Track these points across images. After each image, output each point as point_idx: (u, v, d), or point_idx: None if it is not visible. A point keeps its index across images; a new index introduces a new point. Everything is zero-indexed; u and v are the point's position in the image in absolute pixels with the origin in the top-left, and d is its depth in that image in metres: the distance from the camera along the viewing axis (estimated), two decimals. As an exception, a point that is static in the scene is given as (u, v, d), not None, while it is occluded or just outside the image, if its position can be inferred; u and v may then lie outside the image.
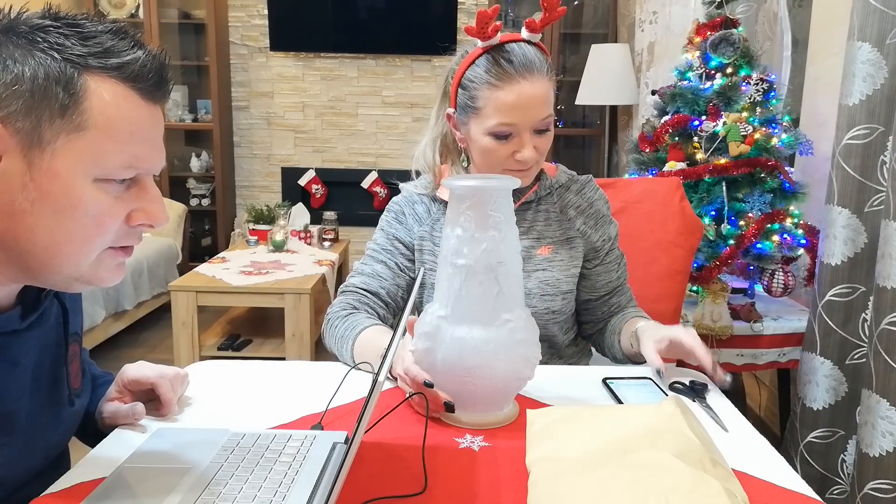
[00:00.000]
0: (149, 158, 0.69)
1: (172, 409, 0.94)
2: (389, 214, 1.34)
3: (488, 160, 1.18)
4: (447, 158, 1.29)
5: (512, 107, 1.11)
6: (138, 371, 0.95)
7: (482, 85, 1.13)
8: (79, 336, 0.91)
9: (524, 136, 1.14)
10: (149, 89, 0.67)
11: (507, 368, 0.92)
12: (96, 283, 0.72)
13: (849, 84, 1.73)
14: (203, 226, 4.89)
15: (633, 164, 2.41)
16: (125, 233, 0.71)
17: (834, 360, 1.85)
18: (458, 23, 4.57)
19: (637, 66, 3.72)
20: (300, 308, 3.02)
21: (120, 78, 0.65)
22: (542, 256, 1.25)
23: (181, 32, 4.64)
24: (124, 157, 0.66)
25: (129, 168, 0.67)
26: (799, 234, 2.13)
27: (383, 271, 1.27)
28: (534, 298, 1.23)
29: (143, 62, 0.66)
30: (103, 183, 0.66)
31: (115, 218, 0.68)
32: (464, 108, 1.18)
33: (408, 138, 4.82)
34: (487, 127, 1.14)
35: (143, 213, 0.70)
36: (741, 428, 0.96)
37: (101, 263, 0.71)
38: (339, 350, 1.18)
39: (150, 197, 0.71)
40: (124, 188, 0.69)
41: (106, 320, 3.32)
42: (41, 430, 0.81)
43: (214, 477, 0.76)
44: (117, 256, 0.72)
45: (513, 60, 1.11)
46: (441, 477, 0.80)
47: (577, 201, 1.28)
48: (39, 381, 0.80)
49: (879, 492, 1.58)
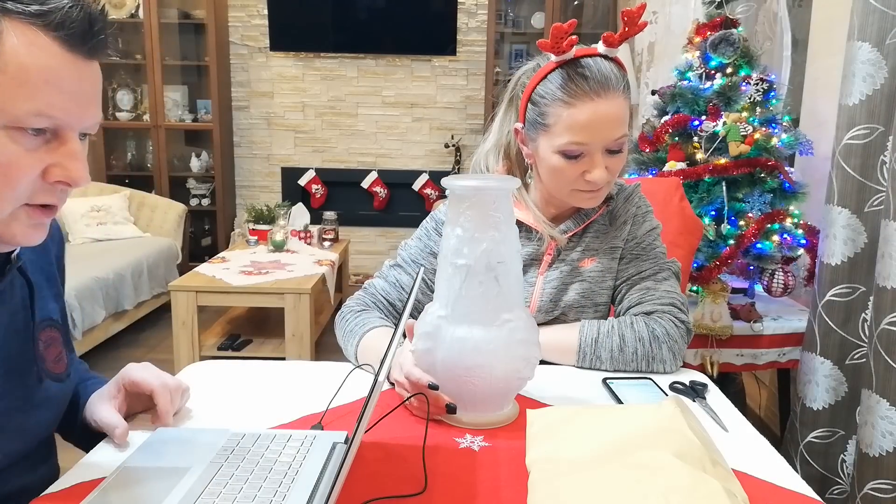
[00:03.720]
0: (67, 110, 0.66)
1: (168, 422, 0.91)
2: (431, 223, 1.27)
3: (556, 179, 1.13)
4: (509, 169, 1.24)
5: (584, 126, 1.06)
6: (141, 375, 0.92)
7: (554, 102, 1.07)
8: (57, 322, 0.89)
9: (596, 156, 1.08)
10: (72, 40, 0.65)
11: (507, 368, 0.92)
12: (9, 240, 0.70)
13: (849, 84, 1.74)
14: (203, 226, 4.89)
15: (633, 164, 2.41)
16: (42, 189, 0.68)
17: (834, 360, 1.85)
18: (458, 23, 4.58)
19: (637, 66, 3.72)
20: (300, 308, 3.02)
21: (39, 25, 0.63)
22: (583, 268, 1.21)
23: (181, 32, 4.64)
24: (34, 105, 0.63)
25: (39, 116, 0.64)
26: (799, 234, 2.13)
27: (407, 283, 1.24)
28: (570, 311, 1.20)
29: (66, 11, 0.64)
30: (14, 132, 0.64)
31: (26, 171, 0.65)
32: (533, 124, 1.12)
33: (408, 138, 4.83)
34: (557, 145, 1.08)
35: (61, 168, 0.67)
36: (741, 428, 0.96)
37: (15, 220, 0.68)
38: (345, 345, 1.18)
39: (69, 153, 0.67)
40: (42, 142, 0.66)
41: (106, 320, 3.32)
42: (15, 413, 0.80)
43: (214, 477, 0.75)
44: (35, 215, 0.69)
45: (587, 77, 1.05)
46: (441, 477, 0.80)
47: (627, 208, 1.23)
48: (8, 362, 0.79)
49: (879, 492, 1.58)
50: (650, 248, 1.22)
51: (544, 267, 1.22)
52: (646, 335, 1.12)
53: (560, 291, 1.21)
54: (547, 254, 1.22)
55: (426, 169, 4.81)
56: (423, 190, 4.80)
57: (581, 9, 4.54)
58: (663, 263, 1.21)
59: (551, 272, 1.21)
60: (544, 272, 1.22)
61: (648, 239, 1.23)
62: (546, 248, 1.21)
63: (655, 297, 1.17)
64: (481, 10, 4.62)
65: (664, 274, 1.20)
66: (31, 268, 0.85)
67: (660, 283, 1.19)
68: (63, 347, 0.90)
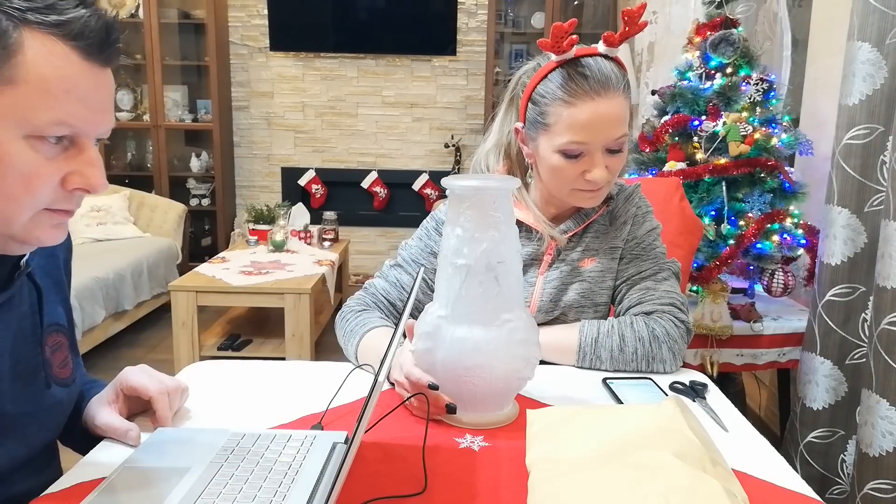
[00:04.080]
0: (85, 119, 0.67)
1: (167, 425, 0.91)
2: (431, 223, 1.27)
3: (556, 179, 1.13)
4: (509, 169, 1.24)
5: (584, 125, 1.06)
6: (139, 381, 0.91)
7: (554, 101, 1.08)
8: (64, 327, 0.90)
9: (596, 155, 1.08)
10: (90, 49, 0.65)
11: (507, 368, 0.92)
12: (33, 242, 0.71)
13: (849, 84, 1.74)
14: (203, 226, 4.89)
15: (633, 164, 2.41)
16: (62, 197, 0.69)
17: (834, 360, 1.85)
18: (458, 23, 4.58)
19: (637, 66, 3.72)
20: (300, 308, 3.02)
21: (59, 35, 0.64)
22: (583, 268, 1.21)
23: (181, 32, 4.64)
24: (56, 115, 0.64)
25: (60, 125, 0.65)
26: (799, 234, 2.13)
27: (408, 283, 1.24)
28: (570, 311, 1.20)
29: (85, 21, 0.65)
30: (35, 141, 0.65)
31: (47, 180, 0.66)
32: (533, 124, 1.12)
33: (408, 138, 4.83)
34: (557, 145, 1.09)
35: (80, 176, 0.68)
36: (741, 428, 0.96)
37: (38, 224, 0.69)
38: (345, 345, 1.19)
39: (87, 160, 0.68)
40: (60, 150, 0.67)
41: (106, 320, 3.32)
42: (22, 418, 0.81)
43: (214, 477, 0.75)
44: (55, 217, 0.70)
45: (587, 76, 1.05)
46: (441, 477, 0.80)
47: (627, 208, 1.23)
48: (17, 367, 0.80)
49: (879, 492, 1.58)
50: (650, 249, 1.22)
51: (544, 267, 1.22)
52: (646, 335, 1.12)
53: (560, 291, 1.21)
54: (547, 254, 1.22)
55: (426, 169, 4.82)
56: (423, 190, 4.80)
57: (581, 9, 4.54)
58: (663, 263, 1.22)
59: (551, 272, 1.22)
60: (544, 272, 1.22)
61: (648, 239, 1.23)
62: (546, 248, 1.22)
63: (655, 297, 1.17)
64: (481, 10, 4.62)
65: (664, 274, 1.20)
66: (39, 272, 0.85)
67: (659, 284, 1.19)
68: (69, 352, 0.90)
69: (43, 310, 0.84)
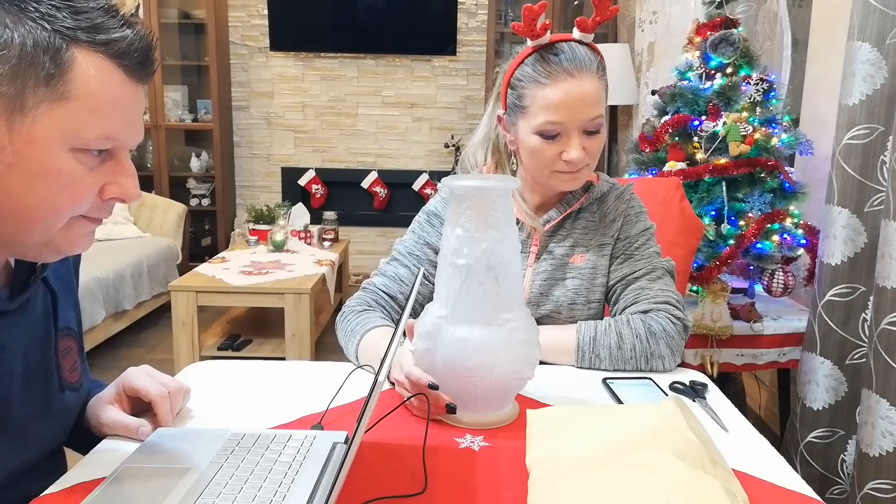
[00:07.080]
0: (126, 133, 0.70)
1: (168, 426, 0.91)
2: (423, 216, 1.30)
3: (536, 161, 1.15)
4: (497, 163, 1.26)
5: (559, 105, 1.09)
6: (141, 383, 0.92)
7: (530, 83, 1.11)
8: (74, 331, 0.90)
9: (572, 135, 1.11)
10: (133, 67, 0.69)
11: (507, 368, 0.92)
12: (66, 249, 0.73)
13: (849, 84, 1.74)
14: (203, 226, 4.89)
15: (633, 164, 2.41)
16: (97, 206, 0.72)
17: (834, 360, 1.85)
18: (458, 23, 4.58)
19: (637, 66, 3.72)
20: (300, 308, 3.02)
21: (106, 54, 0.66)
22: (573, 265, 1.23)
23: (181, 32, 4.64)
24: (102, 130, 0.67)
25: (106, 139, 0.68)
26: (799, 234, 2.13)
27: (406, 276, 1.25)
28: (563, 308, 1.21)
29: (130, 41, 0.68)
30: (79, 153, 0.67)
31: (89, 189, 0.69)
32: (512, 108, 1.15)
33: (408, 138, 4.83)
34: (534, 126, 1.12)
35: (117, 186, 0.71)
36: (741, 428, 0.96)
37: (72, 230, 0.72)
38: (346, 345, 1.19)
39: (124, 171, 0.72)
40: (100, 161, 0.70)
41: (106, 320, 3.32)
42: (33, 421, 0.81)
43: (214, 477, 0.75)
44: (88, 224, 0.73)
45: (560, 57, 1.09)
46: (441, 477, 0.80)
47: (617, 206, 1.25)
48: (29, 370, 0.80)
49: (879, 492, 1.58)
50: (643, 248, 1.23)
51: (532, 258, 1.24)
52: (643, 332, 1.12)
53: (550, 286, 1.22)
54: (533, 244, 1.24)
55: (426, 169, 4.82)
56: (423, 190, 4.80)
57: (581, 8, 4.54)
58: (657, 262, 1.22)
59: (540, 264, 1.23)
60: (532, 264, 1.23)
61: (642, 239, 1.24)
62: (532, 240, 1.23)
63: (650, 295, 1.17)
64: (481, 10, 4.62)
65: (658, 273, 1.21)
66: (52, 276, 0.86)
67: (654, 282, 1.19)
68: (77, 356, 0.91)
69: (57, 314, 0.85)
